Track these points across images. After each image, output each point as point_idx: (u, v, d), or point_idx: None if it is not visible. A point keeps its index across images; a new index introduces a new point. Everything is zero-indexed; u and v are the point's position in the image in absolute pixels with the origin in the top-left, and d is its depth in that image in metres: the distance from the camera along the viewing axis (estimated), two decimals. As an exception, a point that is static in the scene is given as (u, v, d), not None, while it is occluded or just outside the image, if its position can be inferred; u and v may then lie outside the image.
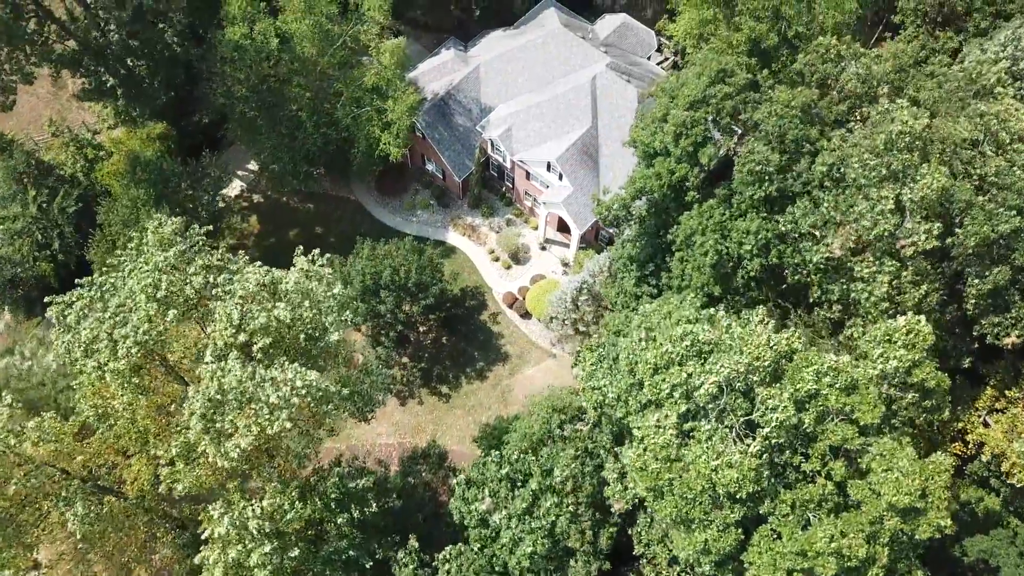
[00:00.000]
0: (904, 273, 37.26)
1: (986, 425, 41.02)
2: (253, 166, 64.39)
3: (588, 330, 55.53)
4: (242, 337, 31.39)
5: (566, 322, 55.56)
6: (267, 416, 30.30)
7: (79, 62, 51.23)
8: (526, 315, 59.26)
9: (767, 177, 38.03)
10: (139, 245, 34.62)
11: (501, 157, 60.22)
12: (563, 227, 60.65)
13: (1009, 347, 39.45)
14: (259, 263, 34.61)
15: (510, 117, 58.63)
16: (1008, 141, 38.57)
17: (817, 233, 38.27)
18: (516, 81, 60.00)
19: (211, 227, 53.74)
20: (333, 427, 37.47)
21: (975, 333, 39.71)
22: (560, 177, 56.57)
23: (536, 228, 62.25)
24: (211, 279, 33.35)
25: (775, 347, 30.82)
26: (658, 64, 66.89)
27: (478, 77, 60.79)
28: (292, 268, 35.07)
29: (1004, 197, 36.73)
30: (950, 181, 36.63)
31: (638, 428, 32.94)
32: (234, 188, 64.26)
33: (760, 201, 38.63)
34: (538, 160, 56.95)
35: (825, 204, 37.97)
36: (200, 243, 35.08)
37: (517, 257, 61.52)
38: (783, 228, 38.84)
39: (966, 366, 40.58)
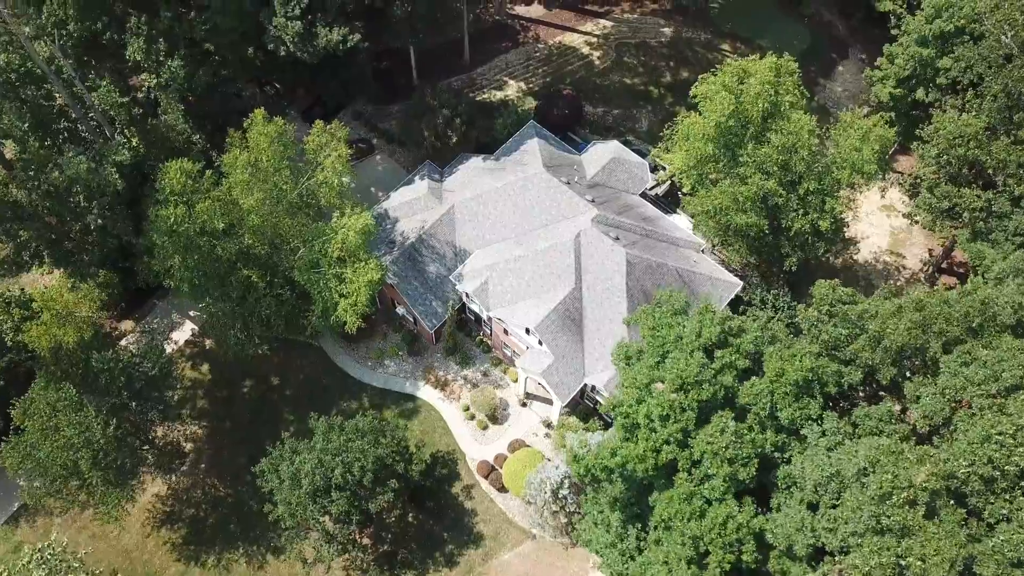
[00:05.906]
0: None
1: None
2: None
3: (570, 519, 49.66)
4: None
5: (545, 509, 49.67)
6: None
7: (-5, 223, 45.53)
8: (503, 488, 53.28)
9: (745, 462, 31.62)
10: None
11: (478, 309, 54.45)
12: (546, 382, 54.74)
13: None
14: None
15: (486, 269, 52.82)
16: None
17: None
18: (494, 227, 54.23)
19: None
20: None
21: None
22: (540, 343, 50.73)
23: (516, 380, 56.37)
24: None
25: None
26: (652, 189, 61.05)
27: (453, 219, 55.05)
28: None
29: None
30: (966, 549, 29.67)
31: None
32: (184, 332, 58.46)
33: (735, 484, 32.21)
34: (517, 323, 51.10)
35: (823, 533, 31.17)
36: None
37: (495, 416, 55.53)
38: (774, 542, 32.25)
39: None
